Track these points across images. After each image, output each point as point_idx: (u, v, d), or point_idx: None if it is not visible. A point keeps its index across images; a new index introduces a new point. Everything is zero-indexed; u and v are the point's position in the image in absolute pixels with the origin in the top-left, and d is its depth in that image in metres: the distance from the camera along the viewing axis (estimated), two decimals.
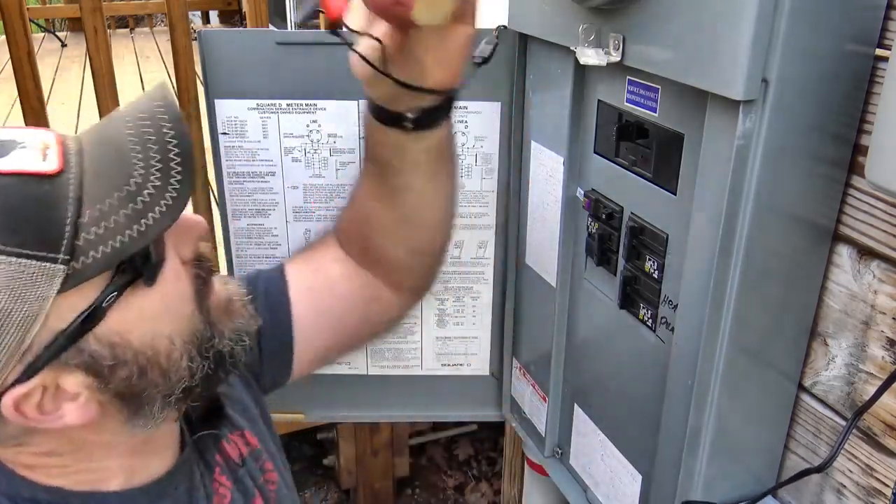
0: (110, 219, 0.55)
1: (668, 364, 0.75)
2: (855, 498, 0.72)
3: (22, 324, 0.53)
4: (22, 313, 0.53)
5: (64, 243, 0.54)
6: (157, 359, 0.61)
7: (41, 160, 0.56)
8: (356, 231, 0.89)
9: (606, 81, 0.81)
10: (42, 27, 6.02)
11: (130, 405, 0.62)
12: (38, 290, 0.53)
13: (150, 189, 0.57)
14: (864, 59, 0.63)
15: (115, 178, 0.57)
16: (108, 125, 0.62)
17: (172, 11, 1.55)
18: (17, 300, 0.53)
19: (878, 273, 0.66)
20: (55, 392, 0.58)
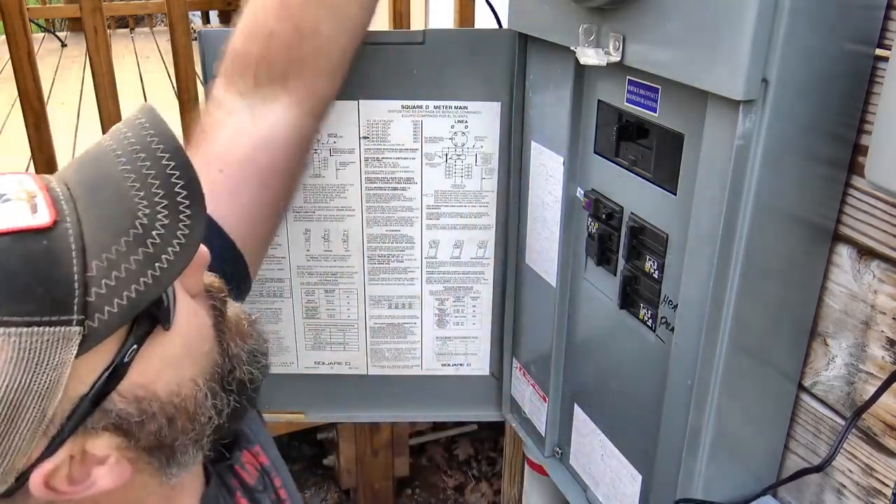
0: (121, 267, 0.50)
1: (668, 364, 0.75)
2: (855, 498, 0.72)
3: (42, 396, 0.49)
4: (41, 385, 0.48)
5: (75, 303, 0.48)
6: (185, 405, 0.57)
7: (30, 213, 0.50)
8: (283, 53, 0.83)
9: (606, 81, 0.81)
10: (42, 27, 6.02)
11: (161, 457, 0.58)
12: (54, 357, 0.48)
13: (160, 229, 0.51)
14: (864, 59, 0.63)
15: (119, 222, 0.51)
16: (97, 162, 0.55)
17: (172, 11, 1.55)
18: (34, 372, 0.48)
19: (878, 273, 0.66)
20: (82, 458, 0.54)
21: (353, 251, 1.08)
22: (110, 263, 0.50)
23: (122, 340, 0.52)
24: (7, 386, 0.47)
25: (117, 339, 0.52)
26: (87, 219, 0.51)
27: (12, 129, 3.96)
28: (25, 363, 0.47)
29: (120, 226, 0.51)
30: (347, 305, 1.11)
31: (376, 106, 1.01)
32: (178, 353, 0.57)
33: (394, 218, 1.06)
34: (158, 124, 0.55)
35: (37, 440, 0.50)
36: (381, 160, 1.04)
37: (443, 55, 0.98)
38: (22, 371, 0.47)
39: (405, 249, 1.08)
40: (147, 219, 0.51)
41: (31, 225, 0.49)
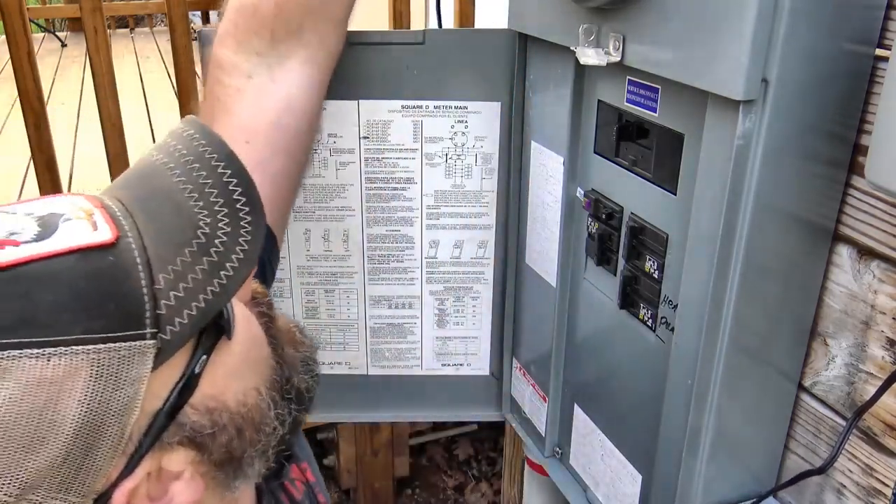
0: (187, 278, 0.49)
1: (668, 364, 0.75)
2: (855, 498, 0.72)
3: (121, 413, 0.48)
4: (120, 402, 0.47)
5: (147, 316, 0.48)
6: (251, 415, 0.57)
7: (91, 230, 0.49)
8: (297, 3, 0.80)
9: (606, 81, 0.81)
10: (42, 27, 6.02)
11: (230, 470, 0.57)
12: (132, 372, 0.47)
13: (222, 237, 0.51)
14: (864, 59, 0.63)
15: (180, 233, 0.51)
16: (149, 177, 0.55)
17: (172, 11, 1.55)
18: (112, 389, 0.47)
19: (878, 273, 0.66)
20: (159, 475, 0.53)
21: (353, 251, 1.08)
22: (176, 275, 0.49)
23: (191, 352, 0.52)
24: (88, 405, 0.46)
25: (186, 352, 0.52)
26: (148, 232, 0.50)
27: (12, 129, 3.96)
28: (104, 380, 0.46)
29: (182, 237, 0.50)
30: (347, 305, 1.11)
31: (376, 106, 1.01)
32: (240, 361, 0.56)
33: (394, 218, 1.06)
34: (208, 134, 0.55)
35: (116, 459, 0.49)
36: (381, 160, 1.04)
37: (443, 55, 0.99)
38: (101, 389, 0.46)
39: (405, 249, 1.08)
40: (209, 228, 0.51)
41: (95, 242, 0.48)
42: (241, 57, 0.81)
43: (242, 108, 0.80)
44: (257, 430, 0.58)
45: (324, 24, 0.83)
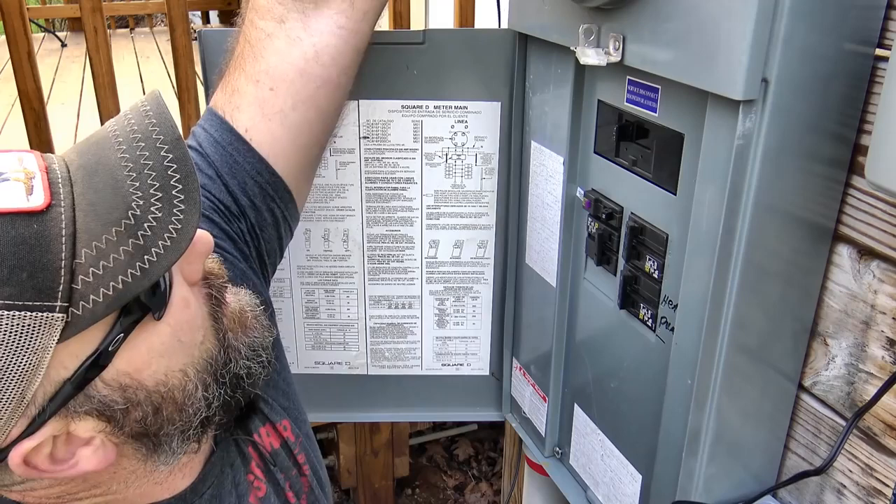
0: (109, 257, 0.50)
1: (668, 364, 0.75)
2: (855, 498, 0.72)
3: (21, 377, 0.48)
4: (19, 367, 0.48)
5: (60, 289, 0.48)
6: (172, 394, 0.57)
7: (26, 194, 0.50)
8: None
9: (606, 81, 0.81)
10: (42, 27, 6.02)
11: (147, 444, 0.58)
12: (35, 341, 0.48)
13: (151, 221, 0.51)
14: (864, 59, 0.63)
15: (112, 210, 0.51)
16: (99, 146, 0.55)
17: (172, 11, 1.55)
18: (13, 354, 0.48)
19: (878, 273, 0.66)
20: (67, 439, 0.54)
21: (353, 251, 1.08)
22: (99, 252, 0.49)
23: (108, 328, 0.52)
24: None
25: (104, 327, 0.52)
26: (82, 204, 0.51)
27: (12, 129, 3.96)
28: (5, 345, 0.47)
29: (112, 215, 0.51)
30: (347, 305, 1.11)
31: (376, 106, 1.01)
32: (168, 343, 0.56)
33: (394, 218, 1.06)
34: (161, 113, 0.55)
35: (16, 420, 0.50)
36: (381, 160, 1.04)
37: (443, 55, 0.98)
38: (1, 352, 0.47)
39: (405, 249, 1.08)
40: (140, 210, 0.51)
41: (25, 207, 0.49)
42: None
43: (270, 54, 0.79)
44: (179, 410, 0.58)
45: None
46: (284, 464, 0.80)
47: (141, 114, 0.56)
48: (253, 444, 0.76)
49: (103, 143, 0.55)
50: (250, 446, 0.75)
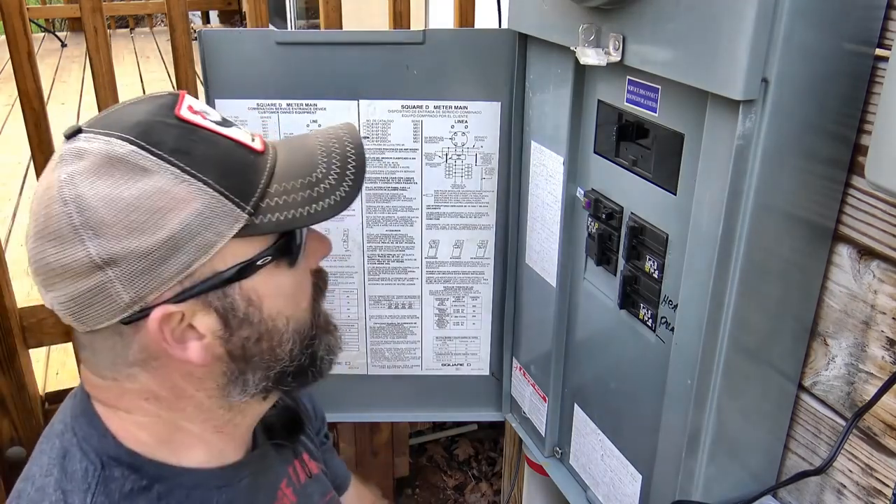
0: (290, 196, 0.66)
1: (668, 364, 0.75)
2: (855, 498, 0.72)
3: (198, 249, 0.62)
4: (202, 239, 0.62)
5: (253, 200, 0.64)
6: (274, 333, 0.69)
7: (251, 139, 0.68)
8: None
9: (606, 81, 0.81)
10: (42, 27, 6.02)
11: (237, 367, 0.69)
12: (222, 225, 0.63)
13: (326, 185, 0.68)
14: (864, 59, 0.63)
15: (301, 169, 0.68)
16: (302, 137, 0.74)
17: (172, 11, 1.55)
18: (205, 227, 0.62)
19: (878, 273, 0.66)
20: (189, 326, 0.65)
21: (353, 251, 1.08)
22: (285, 190, 0.67)
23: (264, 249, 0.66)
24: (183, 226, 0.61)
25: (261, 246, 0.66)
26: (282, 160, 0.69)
27: (12, 129, 3.96)
28: (203, 217, 0.62)
29: (301, 172, 0.68)
30: (347, 305, 1.11)
31: (376, 106, 1.01)
32: (288, 290, 0.70)
33: (394, 218, 1.06)
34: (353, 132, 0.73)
35: (172, 284, 0.62)
36: (381, 160, 1.04)
37: (443, 55, 0.99)
38: (198, 221, 0.62)
39: (405, 249, 1.08)
40: (321, 175, 0.68)
41: (249, 144, 0.68)
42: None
43: None
44: (271, 349, 0.69)
45: None
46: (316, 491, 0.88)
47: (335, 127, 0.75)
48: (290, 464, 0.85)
49: (304, 136, 0.74)
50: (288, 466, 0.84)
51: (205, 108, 0.69)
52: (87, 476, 0.66)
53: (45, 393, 1.64)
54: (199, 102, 0.70)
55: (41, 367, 1.83)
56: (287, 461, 0.84)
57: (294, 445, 0.86)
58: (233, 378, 0.69)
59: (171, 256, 0.61)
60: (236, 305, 0.66)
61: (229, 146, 0.66)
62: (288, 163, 0.69)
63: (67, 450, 0.69)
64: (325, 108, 1.01)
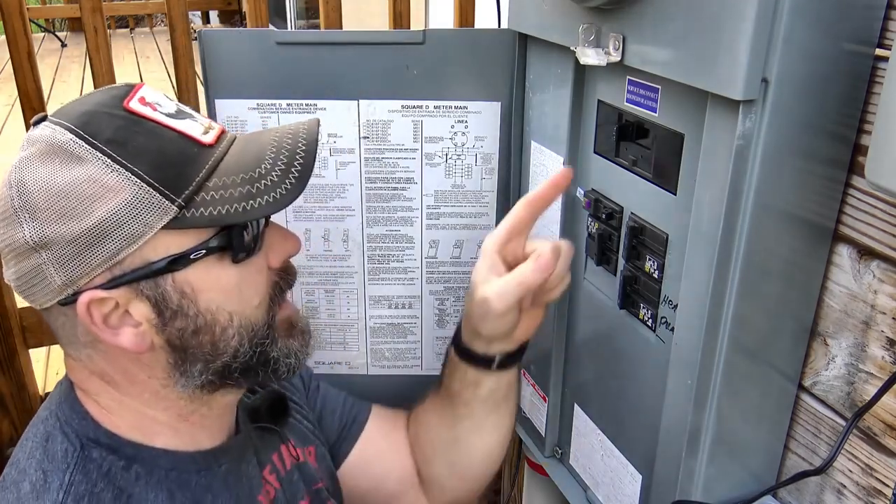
0: (228, 191, 0.66)
1: (668, 364, 0.75)
2: (855, 498, 0.72)
3: (126, 238, 0.63)
4: (130, 229, 0.63)
5: (186, 193, 0.64)
6: (213, 327, 0.69)
7: (202, 133, 0.68)
8: (415, 431, 0.99)
9: (606, 81, 0.81)
10: (42, 27, 6.02)
11: (176, 356, 0.70)
12: (150, 216, 0.63)
13: (268, 181, 0.67)
14: (864, 59, 0.63)
15: (246, 164, 0.68)
16: (260, 132, 0.74)
17: (172, 11, 1.55)
18: (132, 217, 0.63)
19: (878, 273, 0.66)
20: (123, 314, 0.66)
21: (353, 251, 1.08)
22: (223, 185, 0.66)
23: (198, 242, 0.66)
24: (111, 214, 0.62)
25: (196, 240, 0.66)
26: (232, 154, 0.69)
27: (12, 129, 3.95)
28: (131, 207, 0.63)
29: (245, 167, 0.67)
30: (347, 305, 1.11)
31: (376, 106, 1.01)
32: (231, 285, 0.69)
33: (394, 218, 1.06)
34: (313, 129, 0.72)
35: (101, 271, 0.64)
36: (381, 160, 1.04)
37: (443, 55, 0.99)
38: (125, 211, 0.62)
39: (405, 249, 1.08)
40: (264, 171, 0.67)
41: (197, 137, 0.68)
42: None
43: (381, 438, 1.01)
44: (212, 343, 0.69)
45: None
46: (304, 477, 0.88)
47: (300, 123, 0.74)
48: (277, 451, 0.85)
49: (267, 130, 0.74)
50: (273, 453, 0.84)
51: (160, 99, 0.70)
52: (66, 456, 0.68)
53: (45, 393, 1.64)
54: (155, 94, 0.70)
55: (41, 367, 1.83)
56: (272, 447, 0.85)
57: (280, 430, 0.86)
58: (175, 367, 0.70)
59: (98, 243, 0.63)
60: (168, 296, 0.66)
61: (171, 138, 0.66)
62: (237, 157, 0.69)
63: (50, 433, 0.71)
64: (325, 108, 1.01)
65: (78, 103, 0.68)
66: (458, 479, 0.97)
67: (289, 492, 0.85)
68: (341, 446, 0.98)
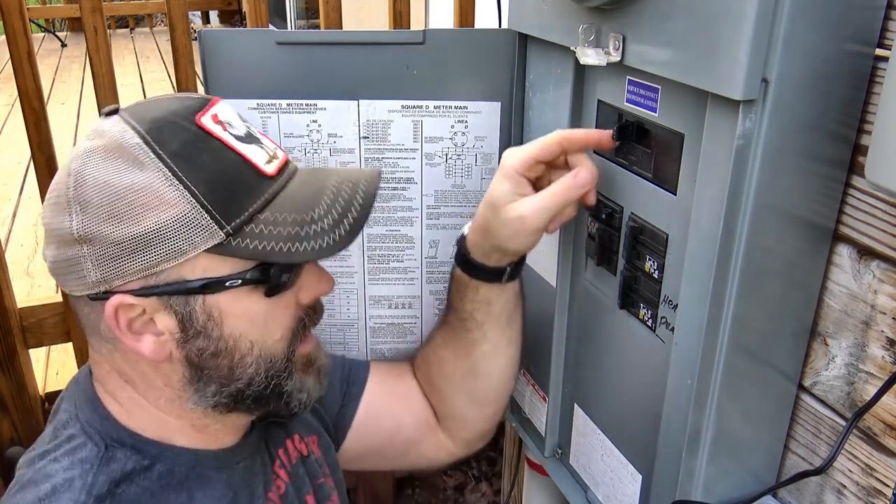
0: (277, 228, 0.66)
1: (668, 364, 0.75)
2: (855, 498, 0.72)
3: (168, 252, 0.64)
4: (175, 245, 0.64)
5: (237, 221, 0.65)
6: (232, 353, 0.70)
7: (266, 161, 0.69)
8: (427, 372, 0.99)
9: (606, 81, 0.81)
10: (42, 27, 6.03)
11: (192, 373, 0.70)
12: (196, 237, 0.64)
13: (319, 228, 0.67)
14: (864, 59, 0.63)
15: (302, 204, 0.68)
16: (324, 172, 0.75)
17: (172, 11, 1.55)
18: (179, 234, 0.63)
19: (878, 273, 0.66)
20: (147, 321, 0.67)
21: (353, 251, 1.08)
22: (275, 220, 0.66)
23: (236, 271, 0.67)
24: (158, 226, 0.63)
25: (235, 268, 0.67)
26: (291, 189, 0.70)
27: (12, 129, 3.96)
28: (179, 223, 0.63)
29: (300, 207, 0.68)
30: (347, 305, 1.11)
31: (376, 106, 1.01)
32: (258, 317, 0.70)
33: (394, 218, 1.06)
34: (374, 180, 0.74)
35: (137, 278, 0.65)
36: (381, 160, 1.04)
37: (443, 55, 0.99)
38: (172, 226, 0.63)
39: (405, 249, 1.08)
40: (317, 215, 0.68)
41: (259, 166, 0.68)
42: None
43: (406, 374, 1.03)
44: (229, 367, 0.70)
45: None
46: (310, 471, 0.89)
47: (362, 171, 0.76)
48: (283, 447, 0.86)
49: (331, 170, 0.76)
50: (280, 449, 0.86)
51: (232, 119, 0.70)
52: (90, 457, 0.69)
53: (45, 393, 1.64)
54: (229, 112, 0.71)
55: (41, 367, 1.83)
56: (279, 442, 0.86)
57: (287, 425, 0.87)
58: (190, 383, 0.71)
59: (140, 251, 0.64)
60: (195, 316, 0.67)
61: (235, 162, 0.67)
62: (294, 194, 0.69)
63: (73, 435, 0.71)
64: (325, 108, 1.01)
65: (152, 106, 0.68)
66: (480, 407, 0.98)
67: (296, 486, 0.86)
68: (346, 410, 0.99)
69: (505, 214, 0.79)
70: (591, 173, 0.77)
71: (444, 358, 0.96)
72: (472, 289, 0.88)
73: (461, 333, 0.92)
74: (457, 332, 0.93)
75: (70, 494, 0.66)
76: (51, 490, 0.66)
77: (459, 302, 0.91)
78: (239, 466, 0.78)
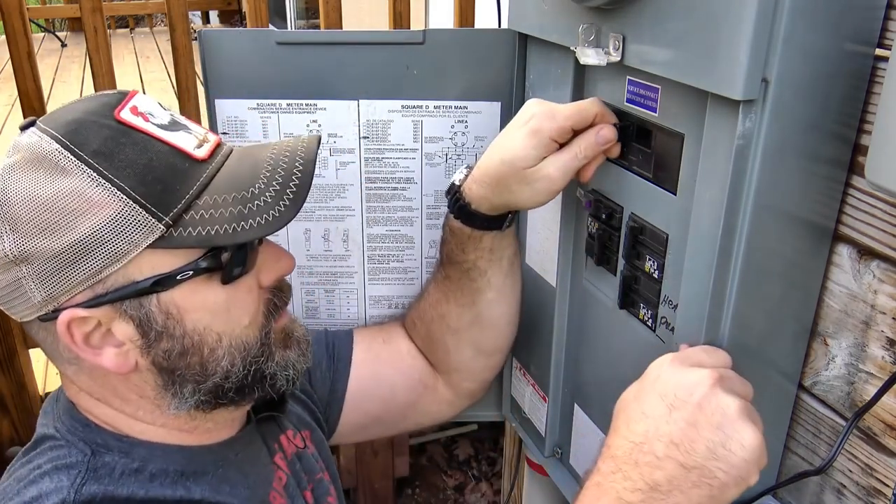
0: (218, 210, 0.63)
1: None
2: (855, 498, 0.72)
3: (109, 256, 0.61)
4: (114, 247, 0.60)
5: (174, 211, 0.62)
6: (200, 348, 0.67)
7: (195, 146, 0.66)
8: (426, 329, 0.97)
9: (606, 81, 0.81)
10: (42, 27, 6.02)
11: (164, 378, 0.68)
12: (135, 234, 0.61)
13: (261, 202, 0.64)
14: (864, 58, 0.63)
15: (240, 182, 0.65)
16: (259, 147, 0.71)
17: (172, 11, 1.55)
18: (116, 234, 0.60)
19: (878, 273, 0.66)
20: (105, 334, 0.64)
21: (352, 251, 1.08)
22: (215, 203, 0.63)
23: (185, 263, 0.63)
24: (94, 231, 0.60)
25: (183, 260, 0.63)
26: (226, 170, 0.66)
27: (12, 129, 3.96)
28: (116, 224, 0.60)
29: (238, 185, 0.65)
30: (347, 305, 1.11)
31: (376, 106, 1.01)
32: (219, 307, 0.67)
33: (394, 218, 1.06)
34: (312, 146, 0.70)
35: (82, 289, 0.62)
36: (381, 160, 1.04)
37: (443, 55, 0.99)
38: (110, 228, 0.60)
39: (405, 249, 1.08)
40: (257, 190, 0.65)
41: (189, 152, 0.65)
42: None
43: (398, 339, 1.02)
44: (200, 364, 0.67)
45: None
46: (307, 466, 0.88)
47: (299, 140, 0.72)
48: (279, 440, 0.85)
49: (264, 146, 0.71)
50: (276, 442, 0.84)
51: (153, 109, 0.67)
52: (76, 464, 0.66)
53: (44, 393, 1.64)
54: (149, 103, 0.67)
55: (41, 367, 1.83)
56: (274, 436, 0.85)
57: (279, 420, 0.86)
58: (165, 389, 0.68)
59: (80, 260, 0.60)
60: (153, 317, 0.64)
61: (162, 152, 0.64)
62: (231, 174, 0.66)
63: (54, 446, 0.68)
64: (325, 108, 1.01)
65: (67, 110, 0.65)
66: (485, 357, 0.98)
67: (295, 478, 0.85)
68: (337, 386, 0.97)
69: (531, 175, 0.77)
70: (612, 131, 0.76)
71: (447, 311, 0.94)
72: (475, 239, 0.88)
73: (465, 284, 0.92)
74: (460, 283, 0.92)
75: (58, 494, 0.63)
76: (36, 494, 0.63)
77: (461, 254, 0.90)
78: (236, 458, 0.76)
